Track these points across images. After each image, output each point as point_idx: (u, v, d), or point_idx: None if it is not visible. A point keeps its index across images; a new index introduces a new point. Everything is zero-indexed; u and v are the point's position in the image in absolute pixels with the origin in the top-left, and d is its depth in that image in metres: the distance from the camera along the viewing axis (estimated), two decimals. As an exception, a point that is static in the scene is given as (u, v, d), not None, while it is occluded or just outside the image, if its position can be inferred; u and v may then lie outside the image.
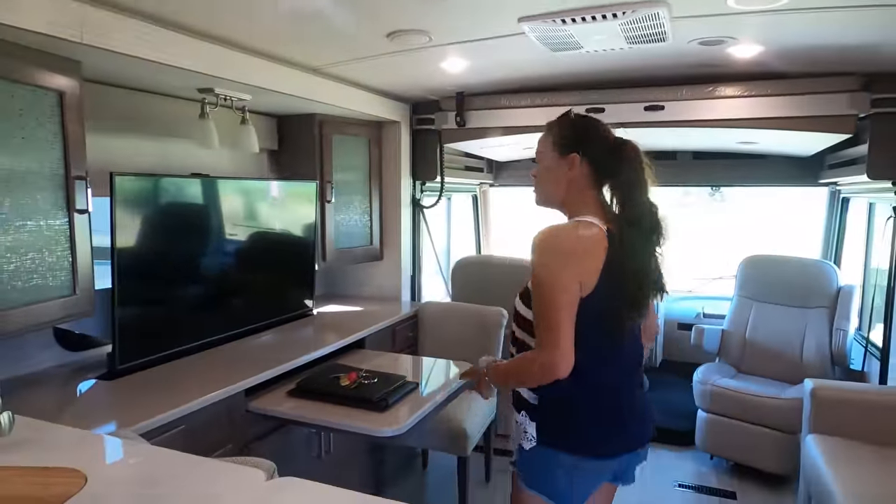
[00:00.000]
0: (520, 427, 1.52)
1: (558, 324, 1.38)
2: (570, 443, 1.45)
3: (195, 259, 2.44)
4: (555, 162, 1.54)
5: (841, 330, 3.28)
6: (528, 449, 1.49)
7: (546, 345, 1.39)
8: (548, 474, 1.48)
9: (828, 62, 2.54)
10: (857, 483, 2.06)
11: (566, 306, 1.38)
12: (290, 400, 2.11)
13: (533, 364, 1.42)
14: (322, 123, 3.08)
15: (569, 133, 1.56)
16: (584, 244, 1.43)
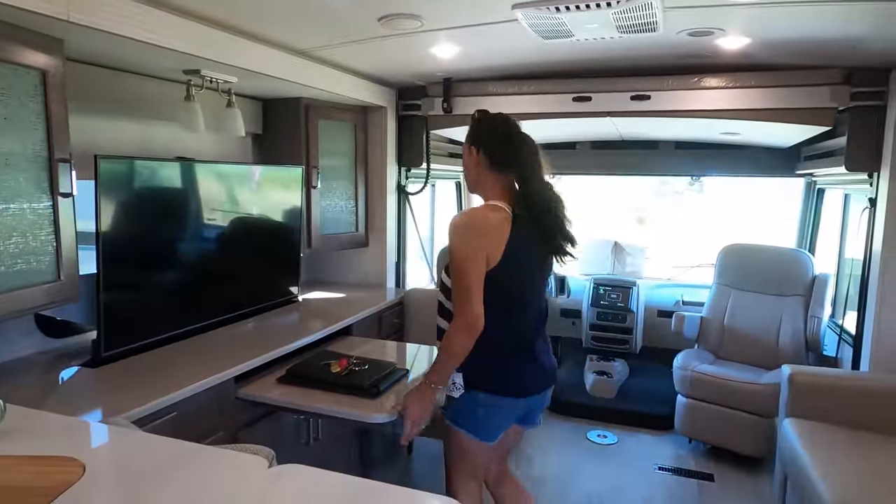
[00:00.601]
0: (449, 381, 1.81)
1: (469, 289, 1.68)
2: (488, 385, 1.79)
3: (179, 245, 2.40)
4: (466, 152, 1.85)
5: (815, 317, 3.38)
6: (458, 396, 1.82)
7: (462, 307, 1.69)
8: (471, 413, 1.81)
9: (811, 55, 2.59)
10: (832, 465, 2.14)
11: (475, 276, 1.69)
12: (280, 387, 2.10)
13: (455, 337, 1.71)
14: (308, 108, 3.03)
15: (472, 129, 1.87)
16: (491, 224, 1.73)
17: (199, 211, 2.50)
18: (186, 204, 2.43)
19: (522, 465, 3.21)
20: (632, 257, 4.70)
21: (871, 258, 2.78)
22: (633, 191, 14.04)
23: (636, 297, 4.17)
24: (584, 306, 4.27)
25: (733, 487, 3.03)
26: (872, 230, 2.79)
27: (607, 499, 2.93)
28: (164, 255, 2.30)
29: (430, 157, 3.61)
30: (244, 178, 2.78)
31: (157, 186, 2.27)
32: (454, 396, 1.83)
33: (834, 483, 2.01)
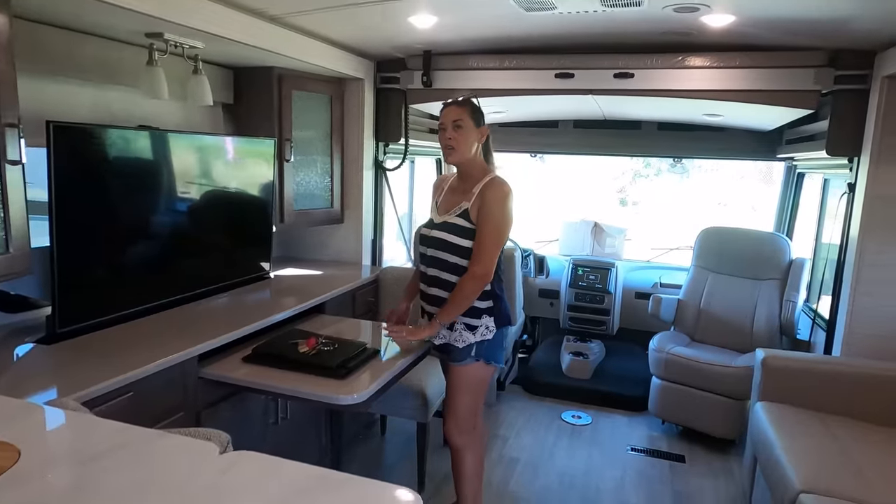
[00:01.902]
0: (479, 329, 2.14)
1: (498, 248, 2.11)
2: (506, 320, 2.20)
3: (143, 217, 2.29)
4: (472, 128, 2.12)
5: (790, 301, 3.40)
6: (492, 337, 2.16)
7: (485, 260, 2.07)
8: (499, 347, 2.21)
9: (797, 34, 2.54)
10: (801, 449, 2.14)
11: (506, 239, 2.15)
12: (246, 366, 2.04)
13: (471, 279, 2.07)
14: (281, 78, 2.92)
15: (479, 112, 2.16)
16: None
17: (164, 182, 2.39)
18: (149, 174, 2.32)
19: (496, 444, 3.21)
20: (612, 238, 4.68)
21: (848, 243, 2.78)
22: (616, 172, 14.03)
23: (615, 278, 4.15)
24: (563, 287, 4.25)
25: (704, 469, 3.05)
26: (850, 215, 2.78)
27: (579, 479, 2.93)
28: (124, 227, 2.20)
29: (408, 132, 3.52)
30: (213, 150, 2.67)
31: (115, 156, 2.16)
32: (488, 339, 2.15)
33: (801, 466, 2.02)
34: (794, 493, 1.90)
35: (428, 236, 2.21)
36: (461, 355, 2.15)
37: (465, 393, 2.21)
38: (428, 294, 2.23)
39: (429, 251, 2.20)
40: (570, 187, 11.59)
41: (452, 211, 2.15)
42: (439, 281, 2.17)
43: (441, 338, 2.20)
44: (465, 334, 2.15)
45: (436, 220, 2.21)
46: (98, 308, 2.07)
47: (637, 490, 2.85)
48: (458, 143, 2.10)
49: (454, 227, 2.12)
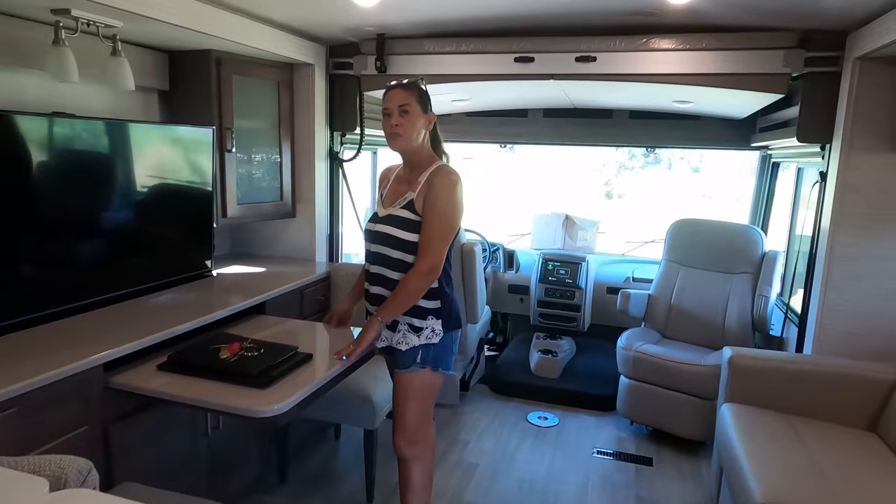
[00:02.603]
0: (424, 332, 1.97)
1: (448, 240, 1.94)
2: (455, 323, 2.03)
3: (60, 210, 2.10)
4: (420, 114, 1.95)
5: (763, 296, 3.26)
6: (438, 342, 1.98)
7: (433, 254, 1.90)
8: (447, 352, 2.03)
9: (765, 13, 2.38)
10: (765, 456, 2.00)
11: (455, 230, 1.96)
12: (161, 375, 1.86)
13: (417, 276, 1.90)
14: (220, 62, 2.72)
15: (426, 96, 1.99)
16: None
17: (86, 173, 2.20)
18: (67, 165, 2.12)
19: (456, 449, 3.05)
20: (583, 231, 4.53)
21: (819, 235, 2.64)
22: (599, 164, 13.88)
23: (585, 273, 4.01)
24: (533, 282, 4.10)
25: (672, 472, 2.92)
26: (822, 206, 2.64)
27: (539, 484, 2.79)
28: (35, 222, 2.00)
29: (363, 120, 3.34)
30: (144, 138, 2.47)
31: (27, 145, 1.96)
32: (434, 342, 1.97)
33: (764, 475, 1.88)
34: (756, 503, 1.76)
35: (372, 231, 2.03)
36: (406, 360, 1.99)
37: (412, 401, 2.03)
38: (371, 293, 2.06)
39: (372, 247, 2.03)
40: (548, 179, 11.44)
41: (397, 203, 1.98)
42: (383, 279, 2.00)
43: (383, 340, 2.03)
44: (409, 336, 1.98)
45: (380, 214, 2.04)
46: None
47: (599, 496, 2.70)
48: (405, 129, 1.93)
49: (398, 219, 1.95)
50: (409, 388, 2.01)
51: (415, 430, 2.04)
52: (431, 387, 2.05)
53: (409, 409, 2.03)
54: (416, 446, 2.06)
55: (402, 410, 2.04)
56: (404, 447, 2.04)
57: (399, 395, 2.04)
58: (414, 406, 2.03)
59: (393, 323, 1.98)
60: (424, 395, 2.05)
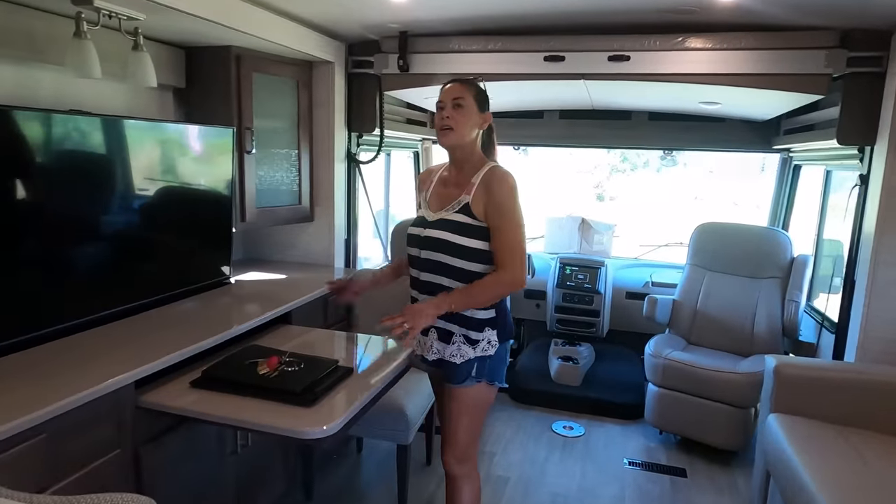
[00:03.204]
0: (481, 344, 1.85)
1: (523, 249, 1.83)
2: (508, 334, 1.92)
3: (77, 216, 1.96)
4: (475, 112, 1.83)
5: (793, 301, 3.20)
6: (494, 353, 1.87)
7: (518, 265, 1.80)
8: (501, 364, 1.93)
9: (808, 11, 2.31)
10: (826, 471, 1.91)
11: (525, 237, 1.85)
12: (194, 392, 1.73)
13: (500, 285, 1.81)
14: (239, 58, 2.59)
15: (483, 95, 1.88)
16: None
17: (102, 176, 2.06)
18: (84, 167, 1.99)
19: (483, 461, 2.94)
20: (599, 235, 4.45)
21: (861, 240, 2.58)
22: (590, 167, 13.88)
23: (604, 277, 3.92)
24: (550, 287, 4.01)
25: (707, 483, 2.83)
26: (863, 210, 2.58)
27: (573, 499, 2.69)
28: (52, 228, 1.86)
29: (383, 121, 3.22)
30: (162, 139, 2.33)
31: (42, 144, 1.82)
32: (490, 354, 1.87)
33: (830, 491, 1.79)
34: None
35: (421, 237, 1.88)
36: (461, 375, 1.85)
37: (465, 417, 1.90)
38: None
39: (422, 253, 1.87)
40: (548, 182, 11.40)
41: (450, 207, 1.84)
42: (437, 287, 1.84)
43: (434, 353, 1.89)
44: (465, 348, 1.84)
45: (429, 218, 1.88)
46: (17, 324, 1.73)
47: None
48: (457, 124, 1.80)
49: (453, 224, 1.81)
50: (463, 404, 1.89)
51: (466, 448, 1.92)
52: (486, 401, 1.94)
53: (461, 425, 1.90)
54: (467, 464, 1.94)
55: (454, 427, 1.91)
56: (454, 465, 1.92)
57: (451, 411, 1.91)
58: (467, 422, 1.90)
59: (447, 334, 1.86)
60: (478, 411, 1.93)
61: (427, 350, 1.91)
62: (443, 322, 1.85)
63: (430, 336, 1.90)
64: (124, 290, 2.13)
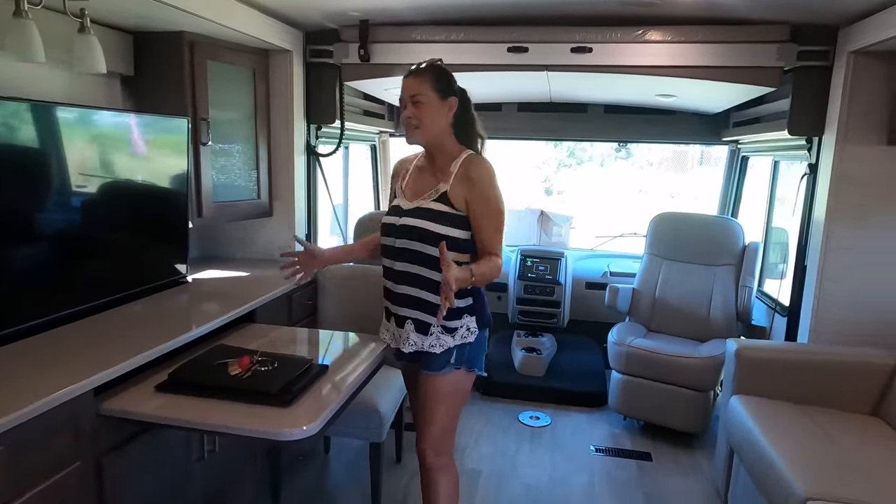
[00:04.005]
0: (459, 331, 1.84)
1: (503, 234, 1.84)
2: (487, 321, 1.91)
3: (19, 214, 1.81)
4: (436, 103, 1.80)
5: (746, 287, 3.32)
6: (473, 340, 1.86)
7: (500, 251, 1.81)
8: (480, 351, 1.91)
9: (763, 4, 2.38)
10: (793, 448, 1.99)
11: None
12: (160, 396, 1.63)
13: (497, 269, 1.80)
14: (193, 45, 2.46)
15: (444, 79, 1.83)
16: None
17: (45, 170, 1.90)
18: (24, 160, 1.83)
19: (456, 456, 2.89)
20: (558, 227, 4.50)
21: (811, 227, 2.70)
22: (539, 161, 14.11)
23: (564, 268, 3.97)
24: (511, 279, 4.02)
25: (672, 466, 2.91)
26: (812, 197, 2.70)
27: (545, 488, 2.71)
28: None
29: (343, 112, 3.14)
30: (112, 130, 2.18)
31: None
32: (470, 342, 1.86)
33: (800, 468, 1.86)
34: (800, 499, 1.73)
35: (396, 225, 1.84)
36: (439, 362, 1.84)
37: (442, 405, 1.88)
38: (396, 293, 1.87)
39: (397, 242, 1.83)
40: (503, 176, 11.47)
41: (427, 195, 1.82)
42: (413, 277, 1.82)
43: (411, 345, 1.86)
44: (444, 338, 1.83)
45: (405, 207, 1.85)
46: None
47: (608, 496, 2.65)
48: (421, 121, 1.78)
49: (430, 212, 1.79)
50: (440, 392, 1.86)
51: (442, 438, 1.89)
52: (464, 389, 1.93)
53: (438, 414, 1.87)
54: (444, 455, 1.91)
55: (430, 416, 1.88)
56: (432, 456, 1.88)
57: (428, 399, 1.88)
58: (444, 410, 1.88)
59: (424, 326, 1.83)
60: (456, 399, 1.91)
61: (403, 342, 1.87)
62: (419, 312, 1.83)
63: (407, 328, 1.86)
64: (72, 292, 1.98)
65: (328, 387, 1.74)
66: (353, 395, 1.79)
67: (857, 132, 2.48)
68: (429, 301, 1.81)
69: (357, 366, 1.92)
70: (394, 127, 4.21)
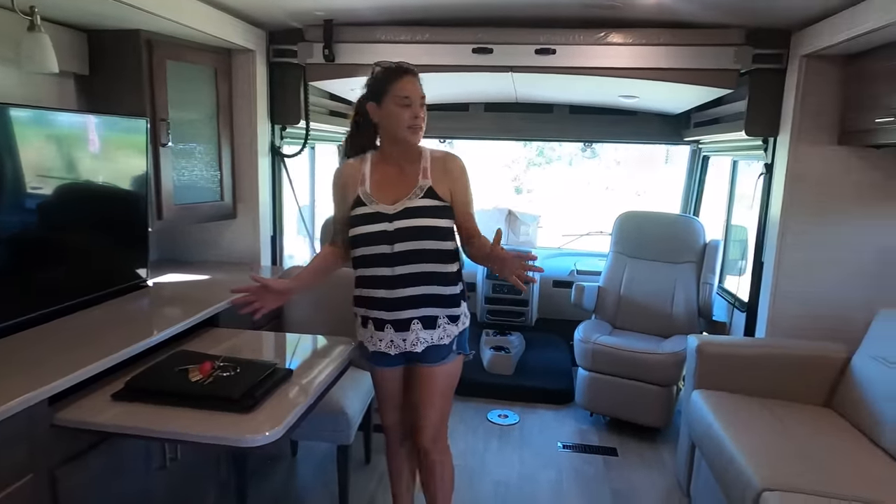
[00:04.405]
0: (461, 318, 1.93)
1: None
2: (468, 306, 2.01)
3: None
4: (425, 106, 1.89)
5: (707, 284, 3.41)
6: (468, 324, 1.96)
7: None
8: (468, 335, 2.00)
9: (719, 8, 2.44)
10: (750, 440, 2.05)
11: None
12: (117, 405, 1.59)
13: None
14: (151, 44, 2.40)
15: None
16: None
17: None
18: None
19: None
20: (525, 226, 4.55)
21: (768, 224, 2.78)
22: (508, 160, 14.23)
23: (532, 267, 4.00)
24: (479, 279, 4.05)
25: (637, 460, 2.97)
26: (769, 196, 2.78)
27: (514, 485, 2.73)
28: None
29: (308, 113, 3.11)
30: (67, 131, 2.12)
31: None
32: (466, 326, 1.96)
33: (757, 460, 1.92)
34: (756, 491, 1.79)
35: (390, 231, 1.81)
36: (445, 352, 1.91)
37: (445, 394, 1.97)
38: (395, 298, 1.83)
39: (396, 247, 1.81)
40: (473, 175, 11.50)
41: (412, 194, 1.84)
42: (418, 276, 1.82)
43: (422, 343, 1.87)
44: (449, 328, 1.89)
45: (391, 211, 1.83)
46: None
47: (575, 492, 2.69)
48: (424, 122, 1.86)
49: (425, 209, 1.83)
50: (443, 381, 1.94)
51: (442, 425, 2.00)
52: (458, 374, 2.01)
53: (440, 403, 1.96)
54: (443, 440, 2.03)
55: (432, 409, 1.95)
56: (434, 452, 1.98)
57: (431, 390, 1.94)
58: (446, 398, 1.98)
59: (431, 320, 1.86)
60: (453, 384, 2.00)
61: (413, 344, 1.87)
62: (426, 309, 1.85)
63: (414, 328, 1.85)
64: (27, 298, 1.92)
65: (293, 390, 1.72)
66: (318, 398, 1.78)
67: (809, 133, 2.56)
68: (437, 294, 1.85)
69: (323, 368, 1.91)
70: (360, 127, 4.18)
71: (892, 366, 2.13)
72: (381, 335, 1.88)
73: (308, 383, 1.78)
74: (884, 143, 2.27)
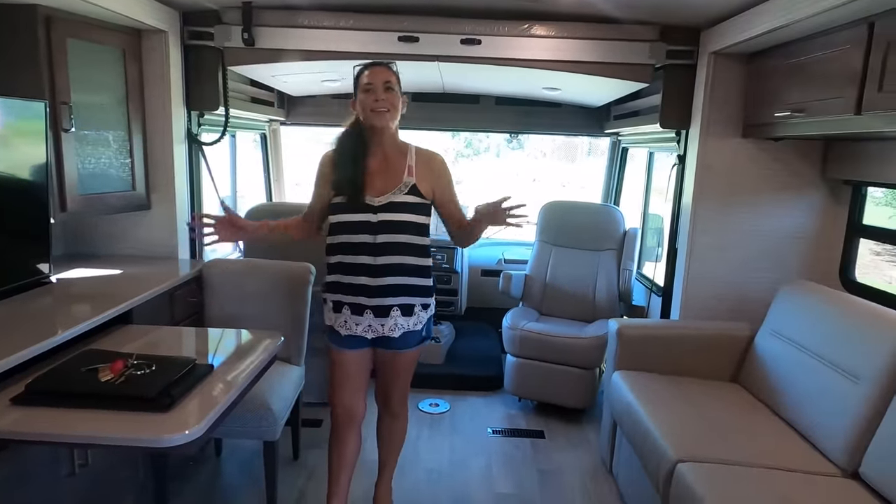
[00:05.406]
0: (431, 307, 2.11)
1: None
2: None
3: None
4: (398, 95, 2.00)
5: (627, 270, 3.57)
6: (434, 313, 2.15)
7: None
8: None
9: (636, 7, 2.55)
10: (666, 417, 2.18)
11: None
12: (16, 410, 1.47)
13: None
14: (49, 20, 2.22)
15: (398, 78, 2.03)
16: None
17: None
18: None
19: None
20: (454, 216, 4.56)
21: (681, 212, 2.93)
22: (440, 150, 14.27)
23: (461, 257, 4.05)
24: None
25: (563, 441, 3.07)
26: (682, 186, 2.93)
27: (446, 472, 2.76)
28: None
29: (227, 99, 2.98)
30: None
31: None
32: (433, 314, 2.14)
33: (671, 435, 2.04)
34: (671, 463, 1.90)
35: (374, 222, 1.94)
36: (418, 338, 2.09)
37: (410, 371, 2.20)
38: (376, 286, 1.96)
39: (378, 238, 1.95)
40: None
41: (397, 189, 1.97)
42: (397, 267, 1.97)
43: (400, 328, 2.02)
44: (422, 314, 2.06)
45: (376, 203, 1.96)
46: None
47: (504, 475, 2.75)
48: (391, 105, 1.96)
49: (408, 205, 1.98)
50: (411, 363, 2.15)
51: (405, 395, 2.25)
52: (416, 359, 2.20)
53: (407, 380, 2.20)
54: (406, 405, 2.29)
55: (401, 384, 2.19)
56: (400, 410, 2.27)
57: (402, 371, 2.15)
58: (409, 375, 2.20)
59: (408, 308, 2.01)
60: (411, 368, 2.20)
61: (391, 329, 2.00)
62: (404, 298, 1.99)
63: (393, 314, 1.99)
64: None
65: (215, 387, 1.65)
66: (242, 393, 1.72)
67: (717, 126, 2.72)
68: (414, 285, 2.00)
69: (248, 363, 1.84)
70: (285, 115, 4.06)
71: (789, 341, 2.31)
72: (359, 319, 2.01)
73: (231, 379, 1.72)
74: (781, 135, 2.45)
